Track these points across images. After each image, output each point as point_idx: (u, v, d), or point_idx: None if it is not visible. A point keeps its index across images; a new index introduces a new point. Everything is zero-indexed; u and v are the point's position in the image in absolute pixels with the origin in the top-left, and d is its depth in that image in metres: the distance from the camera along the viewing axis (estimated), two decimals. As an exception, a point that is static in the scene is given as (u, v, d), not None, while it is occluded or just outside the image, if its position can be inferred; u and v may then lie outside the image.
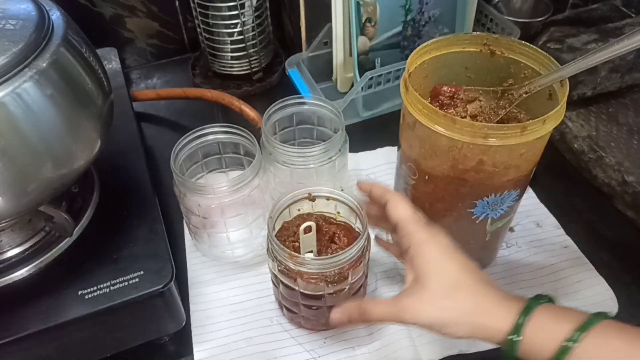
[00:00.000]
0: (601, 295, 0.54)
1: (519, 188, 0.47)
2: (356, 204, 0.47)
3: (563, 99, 0.42)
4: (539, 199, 0.64)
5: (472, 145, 0.41)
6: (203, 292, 0.56)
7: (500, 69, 0.48)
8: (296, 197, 0.49)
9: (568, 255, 0.58)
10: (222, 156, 0.58)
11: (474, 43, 0.48)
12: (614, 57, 0.38)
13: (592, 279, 0.56)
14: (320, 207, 0.51)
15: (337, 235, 0.50)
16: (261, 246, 0.57)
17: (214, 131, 0.55)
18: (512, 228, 0.61)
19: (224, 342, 0.52)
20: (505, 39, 0.47)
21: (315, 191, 0.49)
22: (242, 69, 0.79)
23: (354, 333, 0.52)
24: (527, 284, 0.56)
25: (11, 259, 0.47)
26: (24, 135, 0.38)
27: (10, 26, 0.39)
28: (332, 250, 0.49)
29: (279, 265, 0.46)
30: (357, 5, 0.65)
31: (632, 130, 0.66)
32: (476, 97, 0.48)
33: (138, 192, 0.53)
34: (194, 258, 0.59)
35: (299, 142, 0.63)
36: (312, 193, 0.49)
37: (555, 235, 0.60)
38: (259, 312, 0.54)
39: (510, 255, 0.59)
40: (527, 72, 0.47)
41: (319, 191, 0.49)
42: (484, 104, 0.48)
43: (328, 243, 0.50)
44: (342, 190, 0.48)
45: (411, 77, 0.46)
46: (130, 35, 0.82)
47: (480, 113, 0.47)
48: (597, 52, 0.39)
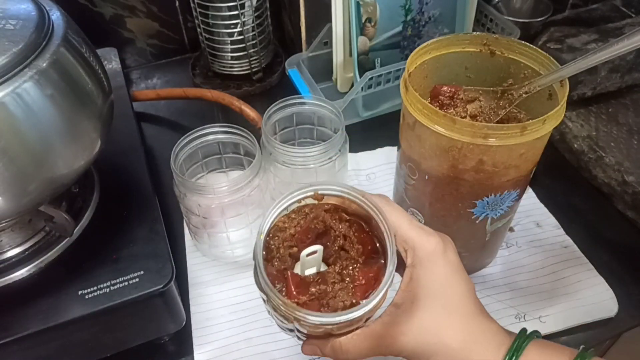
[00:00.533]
0: (601, 295, 0.54)
1: (518, 188, 0.47)
2: (377, 209, 0.36)
3: (563, 99, 0.42)
4: (538, 199, 0.64)
5: (472, 145, 0.41)
6: (203, 292, 0.56)
7: (500, 69, 0.48)
8: (296, 197, 0.37)
9: (568, 255, 0.58)
10: (222, 156, 0.58)
11: (474, 43, 0.48)
12: (614, 57, 0.38)
13: (592, 279, 0.56)
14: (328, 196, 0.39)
15: (348, 240, 0.37)
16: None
17: (214, 131, 0.55)
18: (512, 228, 0.61)
19: (224, 343, 0.52)
20: (505, 39, 0.47)
21: (324, 189, 0.38)
22: (242, 69, 0.79)
23: None
24: (527, 284, 0.56)
25: (11, 259, 0.47)
26: (24, 135, 0.38)
27: (10, 26, 0.39)
28: (342, 261, 0.36)
29: (271, 304, 0.35)
30: (357, 5, 0.65)
31: (632, 130, 0.66)
32: (476, 97, 0.48)
33: (138, 192, 0.53)
34: (194, 258, 0.59)
35: (299, 142, 0.63)
36: (319, 191, 0.38)
37: (555, 235, 0.60)
38: (259, 313, 0.54)
39: (510, 255, 0.59)
40: (527, 72, 0.47)
41: (328, 189, 0.38)
42: (484, 104, 0.47)
43: (337, 251, 0.37)
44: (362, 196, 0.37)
45: (411, 77, 0.46)
46: (130, 35, 0.82)
47: (480, 113, 0.47)
48: (597, 52, 0.39)
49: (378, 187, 0.66)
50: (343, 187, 0.37)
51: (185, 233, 0.61)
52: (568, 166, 0.69)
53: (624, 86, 0.69)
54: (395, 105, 0.75)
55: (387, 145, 0.70)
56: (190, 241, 0.60)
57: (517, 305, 0.54)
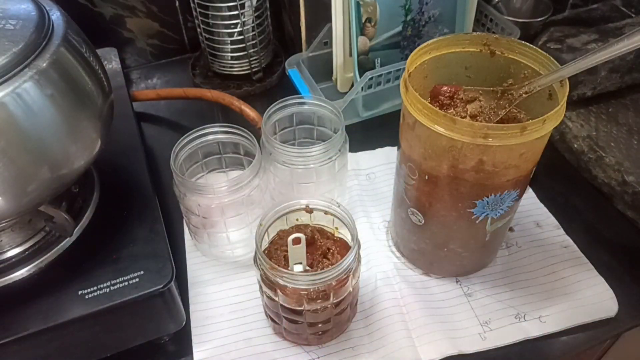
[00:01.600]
0: (601, 295, 0.54)
1: (518, 188, 0.47)
2: (350, 219, 0.45)
3: (563, 99, 0.42)
4: (538, 199, 0.64)
5: (472, 145, 0.41)
6: (203, 292, 0.56)
7: (500, 69, 0.48)
8: (292, 207, 0.48)
9: (568, 255, 0.58)
10: (222, 156, 0.58)
11: (474, 43, 0.48)
12: (614, 57, 0.38)
13: (592, 279, 0.56)
14: (319, 219, 0.49)
15: (331, 251, 0.48)
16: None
17: (214, 131, 0.55)
18: (512, 228, 0.61)
19: (223, 342, 0.52)
20: (505, 39, 0.47)
21: (313, 203, 0.48)
22: (242, 69, 0.79)
23: (354, 334, 0.52)
24: (527, 284, 0.56)
25: (11, 259, 0.47)
26: (24, 135, 0.38)
27: (10, 26, 0.39)
28: (322, 266, 0.47)
29: (261, 273, 0.45)
30: (357, 5, 0.65)
31: (632, 130, 0.66)
32: (476, 97, 0.48)
33: (138, 192, 0.53)
34: (194, 258, 0.59)
35: (299, 142, 0.63)
36: (309, 205, 0.47)
37: (555, 235, 0.60)
38: (259, 313, 0.54)
39: (510, 255, 0.59)
40: (527, 72, 0.47)
41: (316, 204, 0.47)
42: (484, 104, 0.48)
43: (320, 258, 0.47)
44: (338, 206, 0.47)
45: (411, 77, 0.46)
46: (130, 35, 0.82)
47: (480, 113, 0.47)
48: (597, 52, 0.39)
49: (378, 187, 0.66)
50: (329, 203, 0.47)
51: (185, 233, 0.61)
52: (568, 166, 0.69)
53: (624, 86, 0.69)
54: (395, 105, 0.75)
55: (387, 145, 0.70)
56: (190, 241, 0.60)
57: (517, 305, 0.54)
